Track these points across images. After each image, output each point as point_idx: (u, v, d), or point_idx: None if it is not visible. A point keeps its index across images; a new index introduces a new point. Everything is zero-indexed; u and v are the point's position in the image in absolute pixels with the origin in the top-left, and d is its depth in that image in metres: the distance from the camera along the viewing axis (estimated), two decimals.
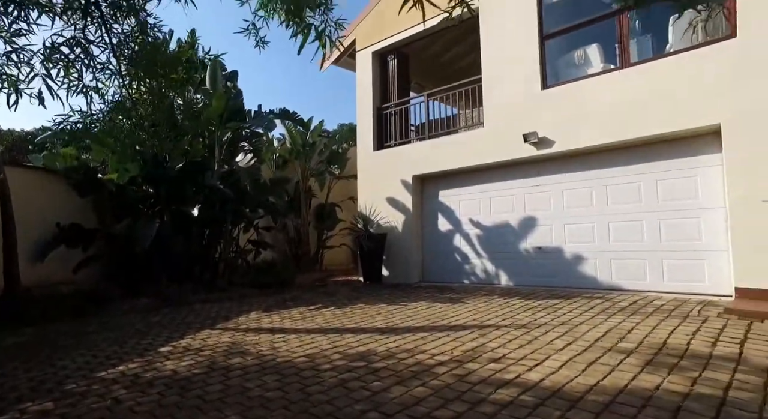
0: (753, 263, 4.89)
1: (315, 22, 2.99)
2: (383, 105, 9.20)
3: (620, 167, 6.23)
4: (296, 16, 2.12)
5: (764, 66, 4.91)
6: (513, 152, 6.98)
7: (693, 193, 5.60)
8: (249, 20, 3.36)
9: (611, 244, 6.26)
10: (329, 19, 3.08)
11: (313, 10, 2.27)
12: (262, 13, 3.20)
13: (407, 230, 8.52)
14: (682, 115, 5.47)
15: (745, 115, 4.99)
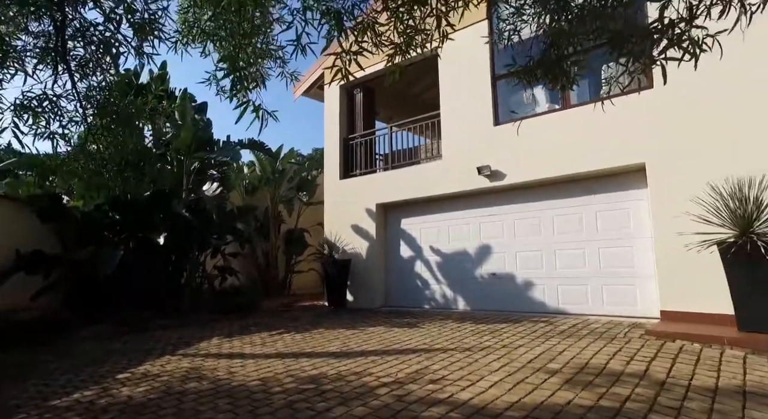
0: (674, 288, 5.40)
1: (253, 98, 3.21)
2: (350, 136, 9.63)
3: (564, 199, 6.76)
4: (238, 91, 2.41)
5: (676, 113, 5.55)
6: (469, 184, 7.45)
7: (626, 224, 6.14)
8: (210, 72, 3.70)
9: (557, 270, 6.72)
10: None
11: (251, 90, 2.56)
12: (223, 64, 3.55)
13: (371, 257, 8.83)
14: (614, 153, 6.05)
15: (664, 155, 5.60)
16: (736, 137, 5.17)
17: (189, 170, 7.44)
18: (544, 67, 2.79)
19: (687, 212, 5.08)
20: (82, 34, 2.84)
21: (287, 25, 2.29)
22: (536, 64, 2.83)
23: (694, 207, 5.01)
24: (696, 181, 5.17)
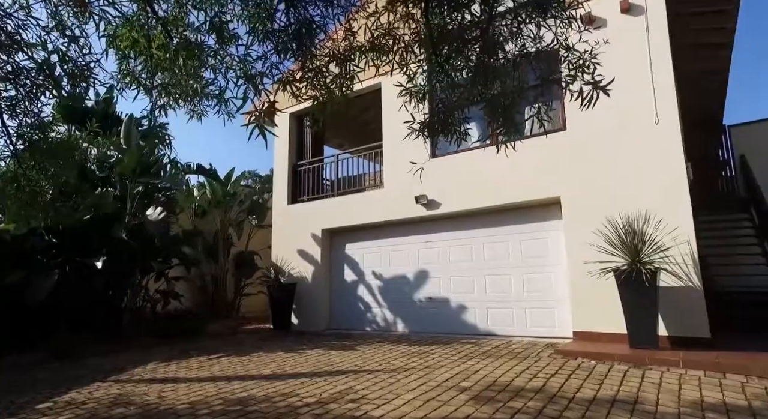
0: (584, 311, 5.99)
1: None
2: (298, 162, 9.94)
3: (493, 227, 7.32)
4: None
5: (584, 154, 6.27)
6: (408, 212, 7.90)
7: (545, 252, 6.75)
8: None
9: (487, 294, 7.22)
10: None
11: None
12: None
13: (316, 280, 9.06)
14: (535, 187, 6.69)
15: (574, 190, 6.28)
16: (628, 179, 5.90)
17: (133, 194, 7.48)
18: (440, 125, 3.25)
19: (590, 243, 5.73)
20: (14, 77, 3.03)
21: (210, 82, 2.63)
22: (430, 123, 3.29)
23: (596, 238, 5.66)
24: (599, 215, 5.83)
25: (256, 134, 2.47)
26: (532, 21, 2.85)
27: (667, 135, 5.75)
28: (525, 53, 3.11)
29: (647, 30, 5.99)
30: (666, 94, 5.81)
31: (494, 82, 3.15)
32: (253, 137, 2.49)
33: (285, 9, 2.65)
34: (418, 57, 3.21)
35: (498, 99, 3.15)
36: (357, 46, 3.03)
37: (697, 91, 9.98)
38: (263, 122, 2.47)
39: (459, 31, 2.82)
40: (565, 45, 2.99)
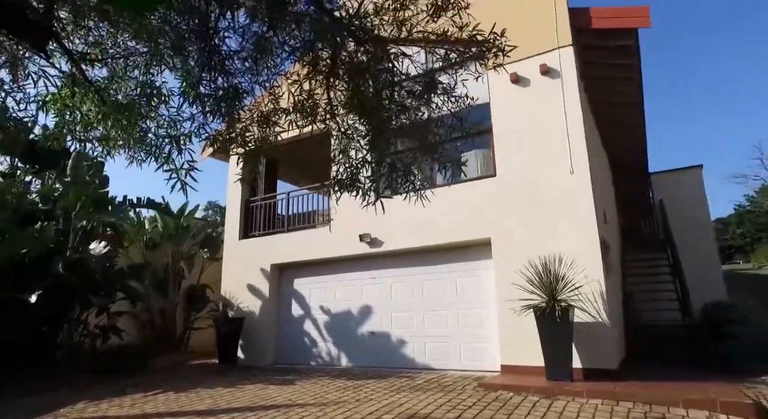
0: (510, 345, 6.42)
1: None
2: (251, 198, 10.19)
3: (432, 265, 7.76)
4: None
5: (512, 198, 6.87)
6: (353, 249, 8.24)
7: (478, 290, 7.20)
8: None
9: (425, 330, 7.55)
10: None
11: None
12: None
13: (264, 315, 9.15)
14: (469, 228, 7.21)
15: (502, 233, 6.83)
16: (548, 223, 6.51)
17: (76, 228, 7.47)
18: (349, 182, 3.67)
19: (514, 282, 6.23)
20: None
21: (144, 134, 2.97)
22: (341, 180, 3.71)
23: (520, 278, 6.16)
24: (523, 256, 6.37)
25: (178, 186, 2.78)
26: (425, 97, 3.32)
27: (580, 184, 6.42)
28: (417, 122, 3.58)
29: (562, 90, 6.76)
30: (579, 147, 6.53)
31: (389, 144, 3.60)
32: (176, 188, 2.79)
33: (212, 77, 3.05)
34: (329, 119, 3.63)
35: (394, 158, 3.62)
36: (281, 108, 3.45)
37: (622, 143, 11.06)
38: (186, 175, 2.78)
39: (362, 100, 3.26)
40: (457, 118, 3.47)
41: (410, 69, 3.82)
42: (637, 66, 7.77)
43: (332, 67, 2.93)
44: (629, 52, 7.39)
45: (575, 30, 7.04)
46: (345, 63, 2.94)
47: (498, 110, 7.27)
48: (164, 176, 2.72)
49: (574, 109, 6.64)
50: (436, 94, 3.25)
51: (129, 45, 2.78)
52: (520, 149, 6.95)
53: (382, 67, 3.02)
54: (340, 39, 2.67)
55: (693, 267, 10.61)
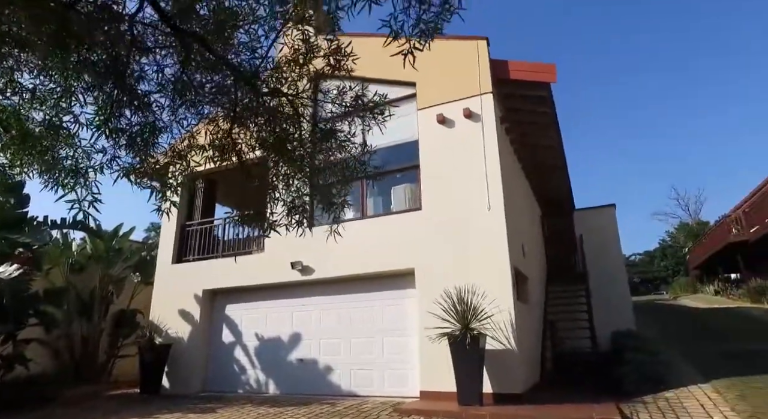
0: (429, 372, 6.72)
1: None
2: (187, 222, 10.12)
3: (361, 293, 8.00)
4: None
5: (435, 230, 7.32)
6: (285, 276, 8.36)
7: (402, 318, 7.51)
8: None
9: (352, 357, 7.73)
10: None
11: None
12: None
13: (194, 341, 8.98)
14: (395, 258, 7.56)
15: (424, 263, 7.23)
16: (466, 255, 6.98)
17: None
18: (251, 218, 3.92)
19: (434, 311, 6.59)
20: None
21: (47, 168, 3.12)
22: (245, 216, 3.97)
23: (438, 307, 6.53)
24: (442, 286, 6.75)
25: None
26: (326, 142, 3.63)
27: (495, 220, 6.97)
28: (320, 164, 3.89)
29: (483, 133, 7.40)
30: (495, 186, 7.10)
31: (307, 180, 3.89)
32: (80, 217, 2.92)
33: (129, 112, 3.25)
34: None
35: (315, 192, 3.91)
36: (198, 145, 3.69)
37: (551, 182, 12.00)
38: (90, 206, 2.91)
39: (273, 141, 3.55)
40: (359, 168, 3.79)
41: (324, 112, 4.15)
42: (552, 114, 8.62)
43: (240, 112, 3.22)
44: (545, 101, 8.22)
45: (497, 79, 7.78)
46: (249, 108, 3.24)
47: (426, 148, 7.81)
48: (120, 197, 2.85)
49: (492, 150, 7.26)
50: (336, 140, 3.58)
51: (38, 81, 2.94)
52: (444, 185, 7.47)
53: (286, 114, 3.34)
54: (242, 92, 2.98)
55: (608, 298, 11.51)
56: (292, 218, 3.80)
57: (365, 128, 3.55)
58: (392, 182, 8.55)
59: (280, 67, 3.19)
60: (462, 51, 7.86)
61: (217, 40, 2.96)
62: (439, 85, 7.90)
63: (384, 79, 8.25)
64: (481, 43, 7.70)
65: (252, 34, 3.17)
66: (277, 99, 3.23)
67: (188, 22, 2.89)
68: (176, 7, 2.91)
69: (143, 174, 3.47)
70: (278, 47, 3.59)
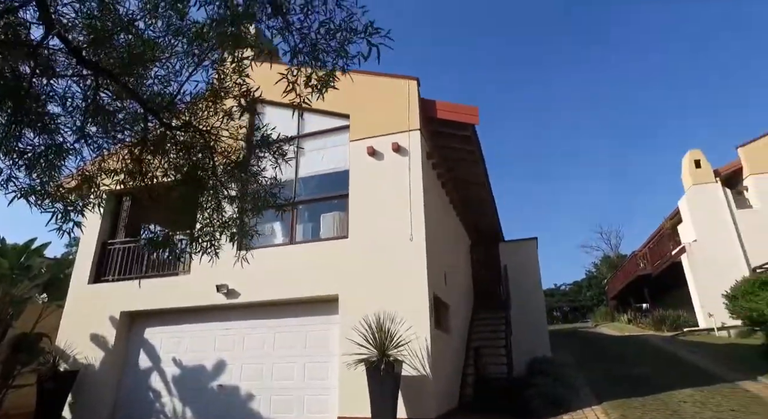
0: (348, 397, 6.81)
1: None
2: (110, 240, 9.68)
3: (287, 318, 8.00)
4: None
5: (360, 258, 7.54)
6: (210, 299, 8.20)
7: (325, 343, 7.58)
8: None
9: (273, 382, 7.64)
10: None
11: None
12: None
13: (106, 367, 8.47)
14: (321, 284, 7.67)
15: (347, 290, 7.41)
16: (388, 284, 7.24)
17: None
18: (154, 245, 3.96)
19: (353, 338, 6.73)
20: None
21: None
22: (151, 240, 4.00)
23: (358, 333, 6.69)
24: (363, 313, 6.93)
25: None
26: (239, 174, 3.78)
27: (416, 250, 7.31)
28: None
29: (409, 166, 7.81)
30: (418, 217, 7.49)
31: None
32: None
33: (32, 133, 3.25)
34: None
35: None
36: (108, 169, 3.71)
37: (477, 214, 12.69)
38: None
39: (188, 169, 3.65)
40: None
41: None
42: (477, 153, 9.28)
43: (153, 140, 3.31)
44: (470, 141, 8.85)
45: (425, 117, 8.30)
46: (163, 137, 3.35)
47: (355, 178, 8.10)
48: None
49: (417, 183, 7.68)
50: (247, 174, 3.75)
51: None
52: (371, 215, 7.77)
53: (200, 145, 3.47)
54: (152, 123, 3.09)
55: (528, 326, 12.20)
56: (198, 245, 3.85)
57: (274, 165, 3.73)
58: (323, 209, 8.74)
59: (195, 102, 3.33)
60: (395, 89, 8.34)
61: (130, 71, 3.07)
62: (371, 119, 8.30)
63: (321, 109, 8.55)
64: (411, 83, 8.22)
65: (169, 68, 3.30)
66: (190, 132, 3.36)
67: (101, 52, 2.99)
68: (91, 37, 3.01)
69: (45, 196, 3.42)
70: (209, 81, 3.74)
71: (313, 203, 8.87)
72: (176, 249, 3.99)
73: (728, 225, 13.85)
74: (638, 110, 66.83)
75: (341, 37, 2.33)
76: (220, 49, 2.82)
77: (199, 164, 3.54)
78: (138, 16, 3.01)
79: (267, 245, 8.55)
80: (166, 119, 3.14)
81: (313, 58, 2.49)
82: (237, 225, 4.07)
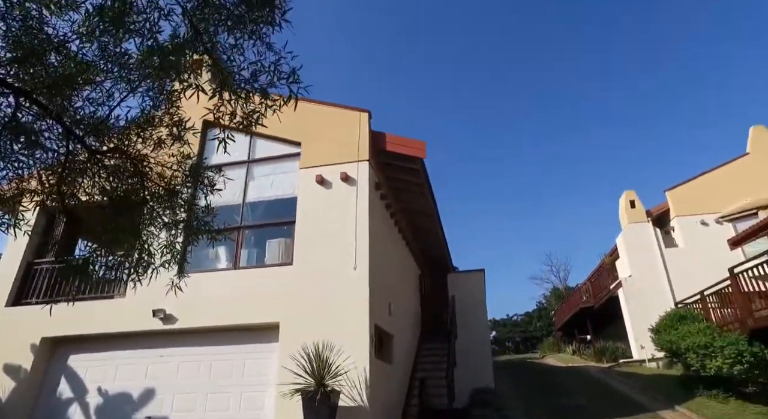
0: None
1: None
2: (36, 260, 9.13)
3: (225, 346, 7.76)
4: None
5: (303, 286, 7.51)
6: (145, 324, 7.84)
7: (263, 372, 7.39)
8: None
9: (206, 413, 7.32)
10: None
11: None
12: None
13: (18, 399, 7.82)
14: (262, 311, 7.55)
15: (291, 318, 7.32)
16: (330, 313, 7.23)
17: None
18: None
19: (292, 367, 6.62)
20: None
21: None
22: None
23: (297, 363, 6.59)
24: (305, 342, 6.85)
25: None
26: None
27: (359, 280, 7.38)
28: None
29: (357, 196, 7.97)
30: (363, 247, 7.59)
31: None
32: None
33: None
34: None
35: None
36: (28, 189, 3.60)
37: (427, 244, 12.95)
38: None
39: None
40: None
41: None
42: (425, 185, 9.59)
43: (78, 162, 3.28)
44: (418, 173, 9.15)
45: (375, 149, 8.54)
46: (89, 161, 3.32)
47: (303, 205, 8.15)
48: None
49: (363, 213, 7.82)
50: (175, 201, 3.75)
51: None
52: (317, 243, 7.80)
53: (130, 171, 3.46)
54: (74, 147, 3.08)
55: (473, 357, 12.39)
56: (133, 270, 3.76)
57: (205, 194, 3.76)
58: (270, 235, 8.69)
59: (127, 128, 3.34)
60: (347, 119, 8.57)
61: (59, 92, 3.06)
62: (322, 148, 8.45)
63: (273, 136, 8.65)
64: (363, 115, 8.48)
65: (103, 92, 3.31)
66: (121, 157, 3.35)
67: (27, 71, 2.97)
68: (16, 54, 2.99)
69: None
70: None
71: (261, 228, 8.79)
72: (94, 275, 3.86)
73: (658, 262, 14.85)
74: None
75: (266, 80, 2.46)
76: (151, 78, 2.88)
77: (131, 189, 3.51)
78: (71, 38, 3.03)
79: (210, 269, 8.38)
80: (94, 142, 3.13)
81: (237, 97, 2.60)
82: (171, 252, 4.01)
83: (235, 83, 2.54)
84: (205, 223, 3.99)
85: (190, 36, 2.42)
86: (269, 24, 2.45)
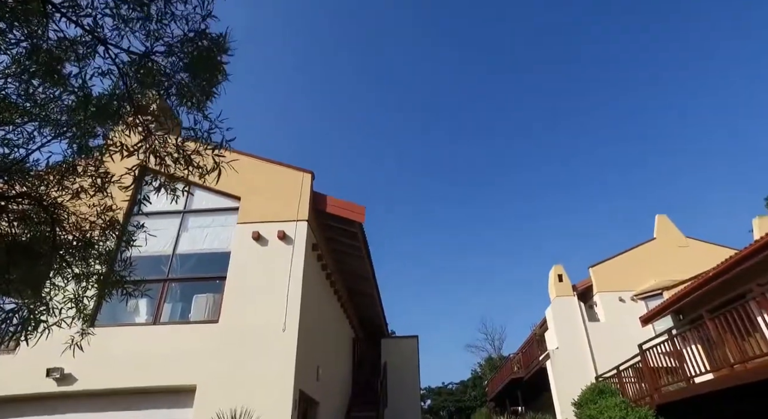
0: None
1: None
2: None
3: (132, 411, 7.03)
4: None
5: (228, 346, 7.14)
6: (34, 386, 6.99)
7: None
8: None
9: None
10: None
11: None
12: None
13: None
14: (178, 372, 7.01)
15: (210, 380, 6.86)
16: (254, 375, 6.88)
17: None
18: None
19: None
20: None
21: None
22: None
23: None
24: (222, 406, 6.36)
25: None
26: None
27: (288, 342, 7.14)
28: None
29: (292, 256, 7.92)
30: (294, 308, 7.43)
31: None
32: None
33: None
34: None
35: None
36: None
37: (362, 308, 12.85)
38: None
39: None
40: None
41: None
42: (363, 249, 9.73)
43: None
44: (356, 237, 9.31)
45: (315, 210, 8.66)
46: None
47: (236, 261, 7.96)
48: None
49: (297, 274, 7.74)
50: (93, 253, 3.61)
51: None
52: (246, 301, 7.55)
53: (41, 218, 3.32)
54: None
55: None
56: (6, 326, 3.47)
57: (122, 250, 3.66)
58: (198, 290, 8.31)
59: (46, 174, 3.25)
60: (289, 178, 8.71)
61: None
62: (262, 205, 8.45)
63: (213, 188, 8.57)
64: (306, 176, 8.67)
65: (23, 134, 3.24)
66: (31, 203, 3.21)
67: None
68: None
69: None
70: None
71: (189, 282, 8.39)
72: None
73: (582, 336, 15.51)
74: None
75: (195, 147, 2.56)
76: (79, 128, 2.87)
77: (39, 237, 3.33)
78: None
79: (125, 323, 7.78)
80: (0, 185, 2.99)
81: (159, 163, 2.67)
82: (77, 306, 3.76)
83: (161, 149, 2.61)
84: (121, 277, 3.81)
85: (122, 93, 2.50)
86: (210, 96, 2.59)
